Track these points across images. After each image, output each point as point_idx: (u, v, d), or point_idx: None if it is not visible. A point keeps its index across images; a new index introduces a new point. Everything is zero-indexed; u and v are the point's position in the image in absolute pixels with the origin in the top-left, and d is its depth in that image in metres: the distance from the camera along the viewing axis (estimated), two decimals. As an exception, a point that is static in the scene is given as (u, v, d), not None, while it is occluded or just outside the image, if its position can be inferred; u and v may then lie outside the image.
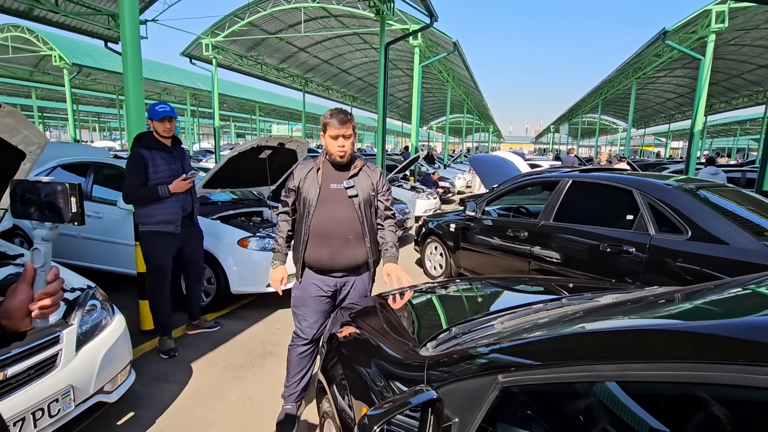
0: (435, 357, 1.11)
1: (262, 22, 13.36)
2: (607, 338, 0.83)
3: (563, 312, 1.38)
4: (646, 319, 0.95)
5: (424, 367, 1.10)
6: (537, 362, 0.85)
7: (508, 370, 0.85)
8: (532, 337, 0.97)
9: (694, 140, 10.17)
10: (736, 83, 20.21)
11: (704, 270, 2.67)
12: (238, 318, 3.86)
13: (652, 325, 0.87)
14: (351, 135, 2.09)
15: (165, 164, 2.93)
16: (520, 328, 1.25)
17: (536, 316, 1.39)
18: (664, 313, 0.97)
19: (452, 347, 1.21)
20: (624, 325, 0.92)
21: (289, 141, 4.48)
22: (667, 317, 0.92)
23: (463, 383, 0.93)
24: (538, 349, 0.91)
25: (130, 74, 3.21)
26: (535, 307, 1.54)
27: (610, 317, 1.04)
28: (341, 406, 1.62)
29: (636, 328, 0.85)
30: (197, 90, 24.25)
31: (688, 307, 0.96)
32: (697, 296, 0.99)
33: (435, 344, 1.33)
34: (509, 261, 4.04)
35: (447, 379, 0.98)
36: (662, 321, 0.89)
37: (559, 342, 0.91)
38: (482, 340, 1.16)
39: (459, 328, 1.37)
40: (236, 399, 2.61)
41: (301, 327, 2.26)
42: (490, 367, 0.90)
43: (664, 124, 35.27)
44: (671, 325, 0.84)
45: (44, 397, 1.75)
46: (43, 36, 14.84)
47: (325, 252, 2.11)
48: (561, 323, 1.09)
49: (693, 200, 2.99)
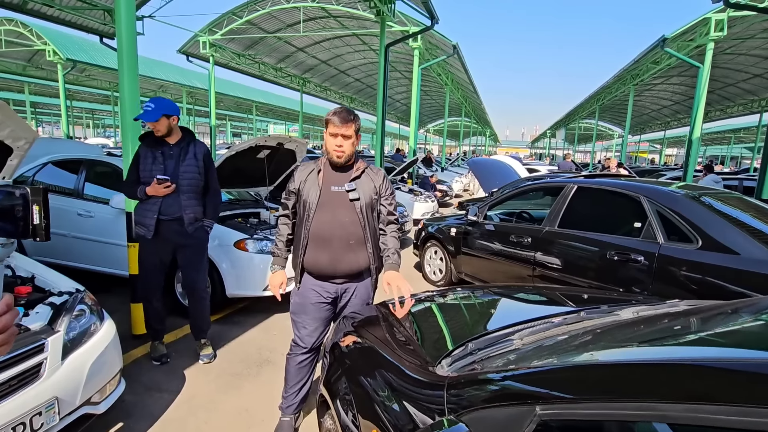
0: (456, 378, 1.02)
1: (261, 21, 13.24)
2: (670, 372, 0.73)
3: (584, 327, 1.30)
4: (703, 347, 0.86)
5: (443, 388, 1.00)
6: (584, 395, 0.76)
7: (547, 401, 0.76)
8: (570, 362, 0.87)
9: (693, 147, 10.19)
10: (731, 92, 20.38)
11: (715, 281, 2.61)
12: (234, 323, 3.75)
13: (722, 359, 0.77)
14: (351, 136, 1.98)
15: (151, 163, 2.73)
16: (544, 345, 1.16)
17: (557, 331, 1.30)
18: (724, 339, 0.88)
19: (472, 366, 1.12)
20: (685, 357, 0.82)
21: (288, 141, 4.39)
22: (729, 344, 0.83)
23: (493, 412, 0.83)
24: (582, 378, 0.81)
25: (126, 71, 3.11)
26: (554, 321, 1.45)
27: (655, 341, 0.95)
28: (346, 423, 1.52)
29: (703, 361, 0.75)
30: (193, 88, 24.04)
31: (747, 332, 0.87)
32: (743, 315, 0.91)
33: (450, 361, 1.23)
34: (512, 267, 3.96)
35: (472, 405, 0.88)
36: (731, 352, 0.80)
37: (607, 371, 0.81)
38: (504, 359, 1.07)
39: (475, 344, 1.28)
40: (231, 409, 2.49)
41: (300, 335, 2.16)
42: (525, 396, 0.81)
43: (659, 131, 35.53)
44: (749, 358, 0.75)
45: (26, 410, 1.63)
46: (37, 30, 14.62)
47: (325, 257, 2.02)
48: (592, 343, 1.00)
49: (703, 208, 2.93)
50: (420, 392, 1.10)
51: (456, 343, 1.36)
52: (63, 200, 4.18)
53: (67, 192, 4.29)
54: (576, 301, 1.90)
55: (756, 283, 2.45)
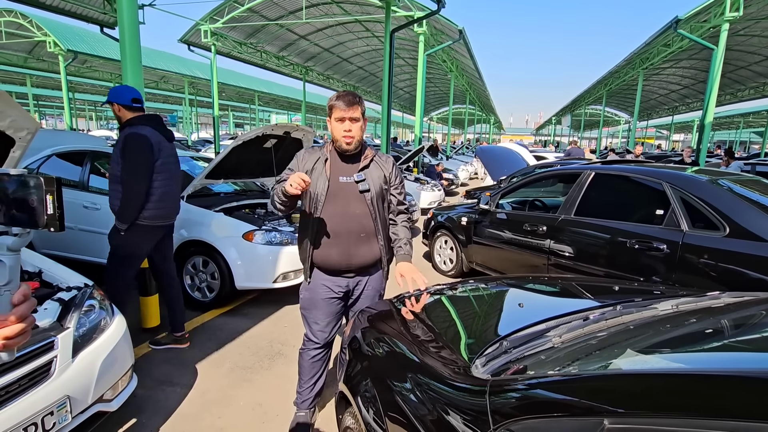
0: (499, 383, 0.93)
1: (262, 8, 13.01)
2: (750, 386, 0.65)
3: (625, 323, 1.21)
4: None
5: (485, 394, 0.92)
6: (659, 408, 0.67)
7: (616, 413, 0.68)
8: (635, 369, 0.79)
9: (705, 132, 9.97)
10: (742, 75, 19.94)
11: (744, 270, 2.51)
12: (244, 315, 3.70)
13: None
14: (359, 118, 1.85)
15: None
16: (588, 344, 1.07)
17: (595, 327, 1.22)
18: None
19: (507, 365, 1.04)
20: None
21: (295, 130, 4.28)
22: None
23: (551, 422, 0.75)
24: (653, 388, 0.73)
25: (129, 60, 3.04)
26: (589, 316, 1.37)
27: (715, 345, 0.86)
28: (368, 421, 1.45)
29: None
30: (195, 78, 23.85)
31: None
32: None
33: (484, 361, 1.15)
34: (526, 256, 3.87)
35: (522, 414, 0.81)
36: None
37: (682, 381, 0.73)
38: (549, 361, 0.99)
39: (510, 342, 1.20)
40: (245, 404, 2.45)
41: (312, 331, 2.10)
42: (588, 407, 0.73)
43: (666, 116, 34.99)
44: None
45: (37, 410, 1.58)
46: (37, 21, 14.48)
47: (335, 251, 1.94)
48: (643, 342, 0.91)
49: (730, 194, 2.82)
50: (459, 397, 1.01)
51: (487, 341, 1.28)
52: (68, 192, 4.11)
53: (72, 184, 4.23)
54: (606, 293, 1.81)
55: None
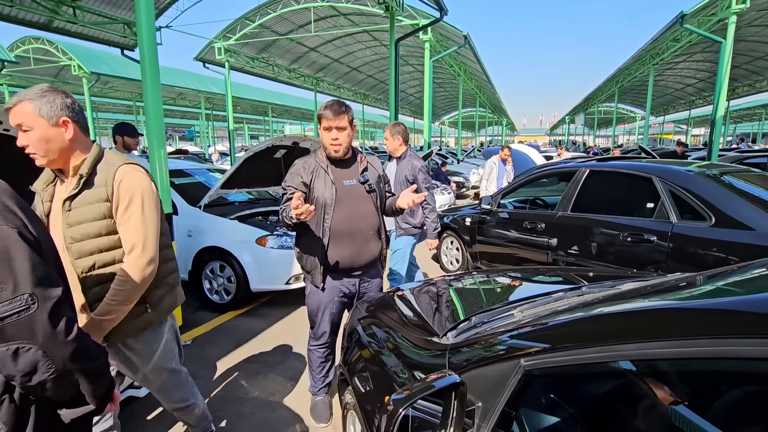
0: (456, 344, 1.12)
1: (273, 24, 13.48)
2: (627, 318, 0.82)
3: (584, 300, 1.37)
4: (667, 301, 0.94)
5: (446, 355, 1.11)
6: (558, 345, 0.85)
7: (530, 353, 0.86)
8: (554, 321, 0.97)
9: (716, 127, 9.87)
10: (759, 65, 19.49)
11: (730, 257, 2.61)
12: (259, 316, 3.94)
13: (673, 305, 0.86)
14: (346, 127, 1.94)
15: None
16: (540, 314, 1.25)
17: (556, 304, 1.38)
18: (685, 294, 0.96)
19: (473, 335, 1.22)
20: (644, 306, 0.92)
21: (303, 140, 4.52)
22: (689, 298, 0.91)
23: (486, 368, 0.94)
24: (560, 332, 0.91)
25: (149, 80, 3.29)
26: (555, 295, 1.54)
27: (630, 301, 1.03)
28: (363, 395, 1.64)
29: (656, 308, 0.84)
30: (211, 93, 24.62)
31: (710, 288, 0.95)
32: (719, 278, 0.98)
33: (455, 333, 1.34)
34: (527, 253, 4.00)
35: (469, 364, 0.99)
36: (684, 302, 0.88)
37: (579, 325, 0.91)
38: (503, 328, 1.17)
39: (479, 318, 1.38)
40: (259, 394, 2.66)
41: (319, 333, 2.23)
42: (512, 352, 0.91)
43: (684, 110, 34.25)
44: (693, 304, 0.84)
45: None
46: (62, 47, 15.28)
47: (347, 252, 2.04)
48: (581, 309, 1.09)
49: (716, 186, 2.92)
50: (426, 361, 1.21)
51: (461, 319, 1.46)
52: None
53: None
54: (581, 279, 1.96)
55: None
